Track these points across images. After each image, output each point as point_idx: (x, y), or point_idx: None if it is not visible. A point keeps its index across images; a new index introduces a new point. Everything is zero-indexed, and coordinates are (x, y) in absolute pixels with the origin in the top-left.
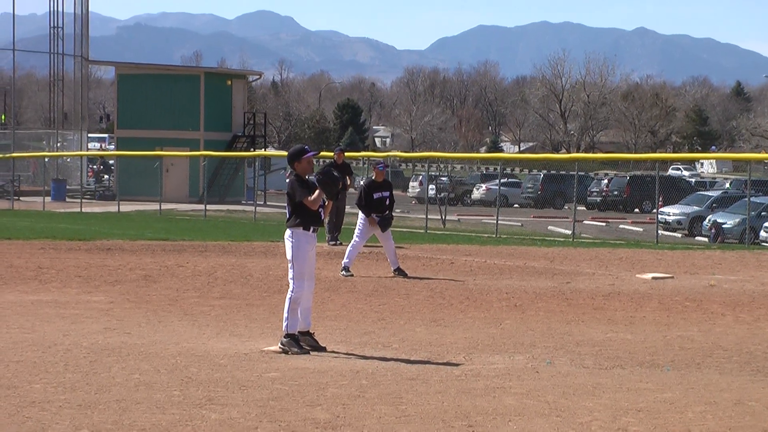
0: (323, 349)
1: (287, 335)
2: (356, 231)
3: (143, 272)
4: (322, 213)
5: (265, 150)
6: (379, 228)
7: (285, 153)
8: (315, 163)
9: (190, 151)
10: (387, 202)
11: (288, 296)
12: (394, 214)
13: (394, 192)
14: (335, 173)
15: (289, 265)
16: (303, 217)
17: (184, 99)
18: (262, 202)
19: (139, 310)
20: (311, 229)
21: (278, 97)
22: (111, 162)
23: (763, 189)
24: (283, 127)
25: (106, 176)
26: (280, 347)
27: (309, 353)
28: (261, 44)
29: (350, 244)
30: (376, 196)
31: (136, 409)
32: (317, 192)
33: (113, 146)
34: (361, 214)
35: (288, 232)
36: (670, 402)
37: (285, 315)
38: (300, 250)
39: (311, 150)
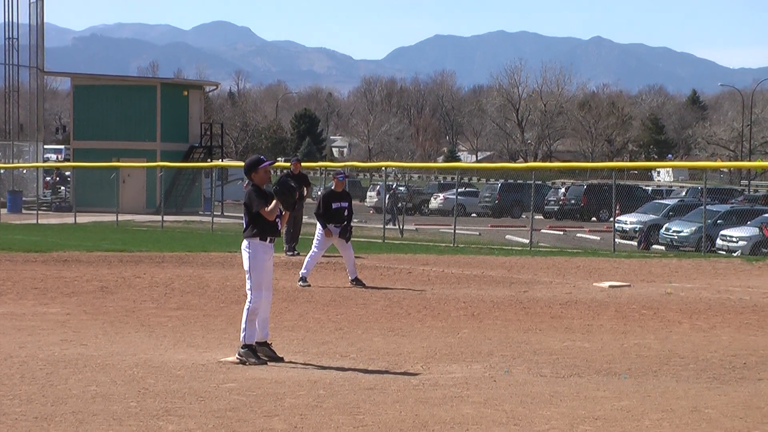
0: (281, 360)
1: (245, 346)
2: (314, 241)
3: (100, 283)
4: (279, 223)
5: (222, 160)
6: (337, 238)
7: (242, 163)
8: (272, 173)
9: (147, 161)
10: (346, 213)
11: (246, 307)
12: (352, 224)
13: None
14: (292, 183)
15: (247, 275)
16: (260, 227)
17: (140, 110)
18: (219, 213)
19: (95, 321)
20: (268, 239)
21: (235, 107)
22: (67, 173)
23: (719, 197)
24: (240, 137)
25: (62, 188)
26: (237, 358)
27: (266, 363)
28: (218, 55)
29: (308, 255)
30: (334, 206)
31: (92, 421)
32: (274, 202)
33: (59, 156)
34: (319, 225)
35: (245, 242)
36: (627, 410)
37: (242, 326)
38: (257, 261)
39: (267, 160)
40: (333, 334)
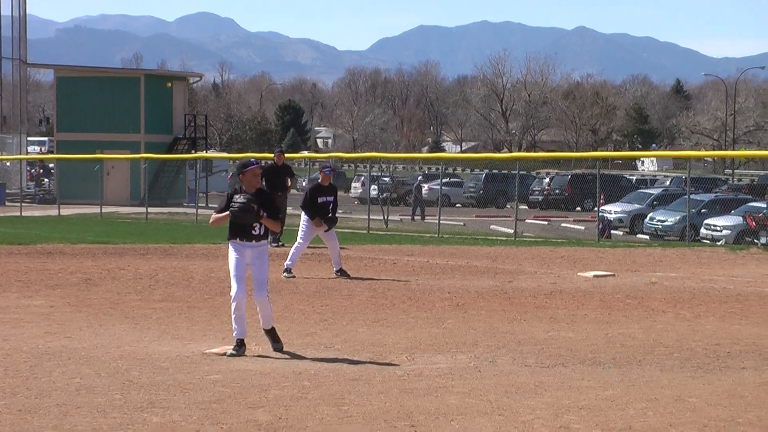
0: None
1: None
2: (299, 233)
3: (84, 276)
4: (256, 228)
5: (206, 152)
6: (322, 229)
7: (226, 155)
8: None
9: (131, 153)
10: (331, 207)
11: None
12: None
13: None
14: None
15: None
16: (231, 227)
17: (124, 101)
18: (203, 205)
19: (80, 313)
20: (237, 238)
21: (219, 98)
22: (51, 165)
23: (703, 186)
24: (224, 128)
25: (46, 180)
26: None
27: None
28: (201, 46)
29: (294, 246)
30: (320, 200)
31: (76, 414)
32: (223, 214)
33: (43, 148)
34: (304, 216)
35: None
36: (612, 399)
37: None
38: (230, 257)
39: (256, 163)
40: (318, 325)
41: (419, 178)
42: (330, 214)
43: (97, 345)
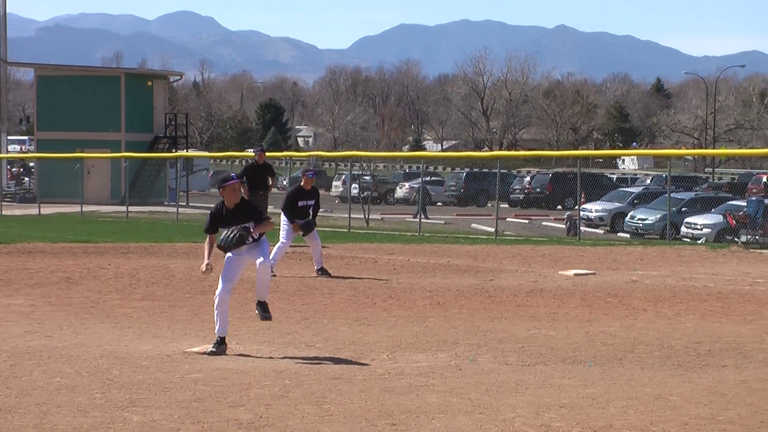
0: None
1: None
2: (282, 233)
3: (65, 275)
4: (250, 239)
5: (187, 151)
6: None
7: (207, 153)
8: (239, 163)
9: (111, 152)
10: (311, 210)
11: None
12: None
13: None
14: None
15: None
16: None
17: (104, 100)
18: (184, 203)
19: (60, 313)
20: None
21: (200, 97)
22: (31, 164)
23: (684, 185)
24: (205, 127)
25: (26, 179)
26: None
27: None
28: (182, 45)
29: (276, 246)
30: (300, 203)
31: (57, 413)
32: (209, 247)
33: (23, 147)
34: (284, 216)
35: None
36: (593, 397)
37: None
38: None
39: (236, 178)
40: (299, 323)
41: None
42: (310, 217)
43: (78, 344)
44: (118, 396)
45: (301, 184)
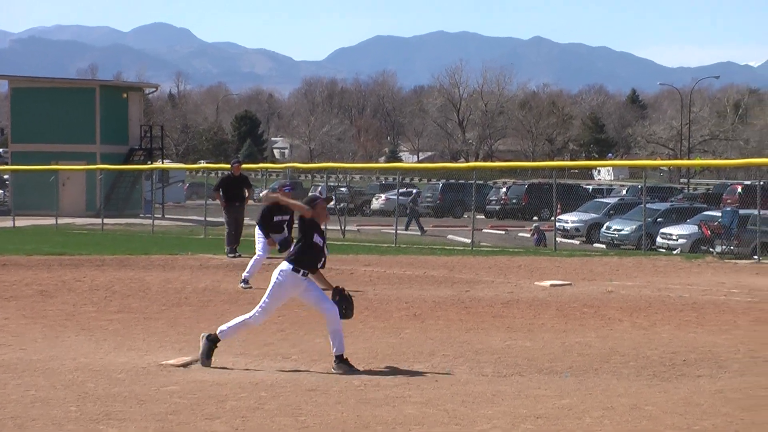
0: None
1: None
2: (258, 246)
3: (39, 287)
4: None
5: (162, 163)
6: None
7: (183, 165)
8: (213, 175)
9: (87, 164)
10: (286, 225)
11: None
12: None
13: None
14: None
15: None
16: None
17: (79, 112)
18: (160, 216)
19: (35, 325)
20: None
21: (175, 109)
22: (5, 177)
23: (659, 195)
24: (180, 139)
25: (0, 191)
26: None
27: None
28: (158, 56)
29: (253, 258)
30: (276, 218)
31: (32, 426)
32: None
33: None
34: (258, 230)
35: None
36: (569, 408)
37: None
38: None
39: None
40: (275, 335)
41: (415, 191)
42: (285, 232)
43: (53, 357)
44: (93, 409)
45: None
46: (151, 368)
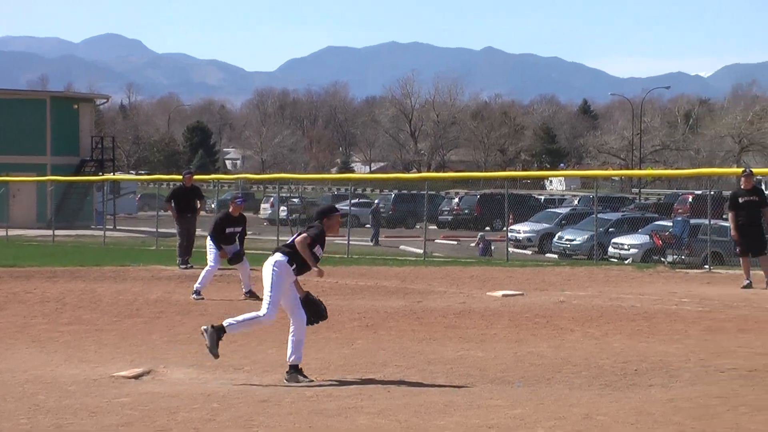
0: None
1: (222, 329)
2: (210, 257)
3: None
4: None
5: (114, 174)
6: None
7: (134, 177)
8: (166, 186)
9: (37, 176)
10: (238, 236)
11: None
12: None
13: (246, 213)
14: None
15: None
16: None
17: (30, 124)
18: (111, 227)
19: None
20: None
21: (127, 120)
22: None
23: (611, 205)
24: (132, 150)
25: None
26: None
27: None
28: (109, 67)
29: (205, 269)
30: (228, 230)
31: None
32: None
33: None
34: (210, 241)
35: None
36: (521, 418)
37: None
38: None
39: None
40: (227, 346)
41: (376, 201)
42: (236, 243)
43: (3, 369)
44: (44, 421)
45: (230, 210)
46: (102, 380)
